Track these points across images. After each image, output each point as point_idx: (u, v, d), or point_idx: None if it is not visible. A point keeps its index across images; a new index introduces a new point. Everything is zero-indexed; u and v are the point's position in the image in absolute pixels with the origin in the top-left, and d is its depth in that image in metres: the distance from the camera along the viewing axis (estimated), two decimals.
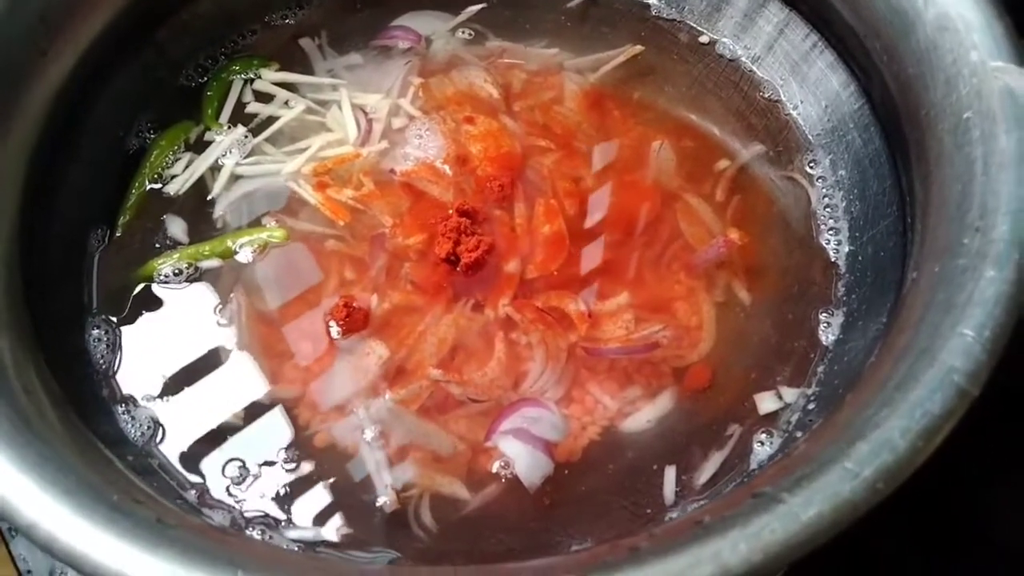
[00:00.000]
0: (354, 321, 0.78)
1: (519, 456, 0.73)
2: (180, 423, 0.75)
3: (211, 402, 0.76)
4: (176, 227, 0.85)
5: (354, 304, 0.78)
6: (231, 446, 0.74)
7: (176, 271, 0.82)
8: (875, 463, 0.51)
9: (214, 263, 0.83)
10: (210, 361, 0.78)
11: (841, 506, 0.50)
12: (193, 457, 0.74)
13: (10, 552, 0.83)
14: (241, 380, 0.77)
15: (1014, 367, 0.57)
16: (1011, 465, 0.84)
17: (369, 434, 0.75)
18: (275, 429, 0.75)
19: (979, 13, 0.70)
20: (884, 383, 0.57)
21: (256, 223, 0.85)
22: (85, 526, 0.51)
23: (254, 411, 0.76)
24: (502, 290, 0.82)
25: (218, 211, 0.86)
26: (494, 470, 0.74)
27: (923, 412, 0.53)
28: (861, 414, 0.55)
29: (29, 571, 0.82)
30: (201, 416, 0.76)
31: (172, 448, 0.74)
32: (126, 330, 0.80)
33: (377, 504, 0.72)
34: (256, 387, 0.77)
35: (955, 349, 0.56)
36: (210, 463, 0.73)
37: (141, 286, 0.82)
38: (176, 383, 0.77)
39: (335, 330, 0.79)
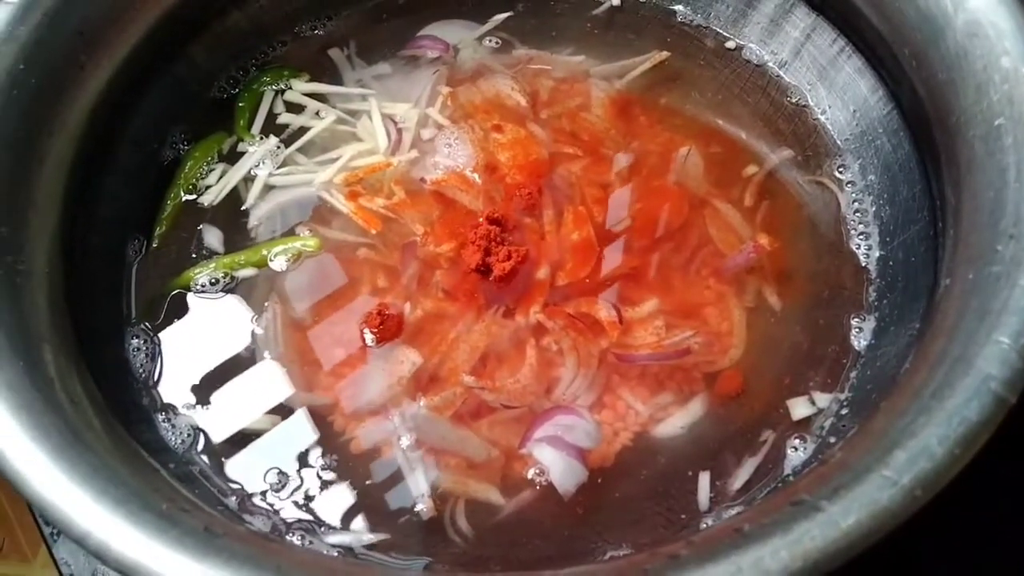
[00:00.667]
0: (388, 329, 0.79)
1: (553, 463, 0.74)
2: (219, 430, 0.77)
3: (248, 409, 0.78)
4: (212, 237, 0.87)
5: (388, 312, 0.79)
6: (269, 453, 0.76)
7: (212, 280, 0.83)
8: (913, 471, 0.52)
9: (249, 272, 0.84)
10: (247, 369, 0.80)
11: (880, 514, 0.51)
12: (233, 464, 0.75)
13: (52, 556, 0.84)
14: (277, 388, 0.79)
15: None
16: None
17: (404, 441, 0.76)
18: (311, 436, 0.76)
19: (1010, 19, 0.70)
20: (920, 390, 0.57)
21: (290, 232, 0.87)
22: (136, 535, 0.52)
23: (291, 418, 0.77)
24: (533, 297, 0.83)
25: (252, 221, 0.87)
26: (529, 477, 0.74)
27: (960, 420, 0.54)
28: (897, 422, 0.55)
29: (71, 575, 0.84)
30: (239, 423, 0.77)
31: (212, 455, 0.75)
32: (164, 339, 0.81)
33: (414, 510, 0.73)
34: (292, 394, 0.78)
35: (991, 356, 0.56)
36: (249, 470, 0.75)
37: (178, 295, 0.83)
38: (214, 391, 0.79)
39: (370, 338, 0.80)
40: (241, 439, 0.76)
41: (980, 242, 0.64)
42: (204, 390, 0.78)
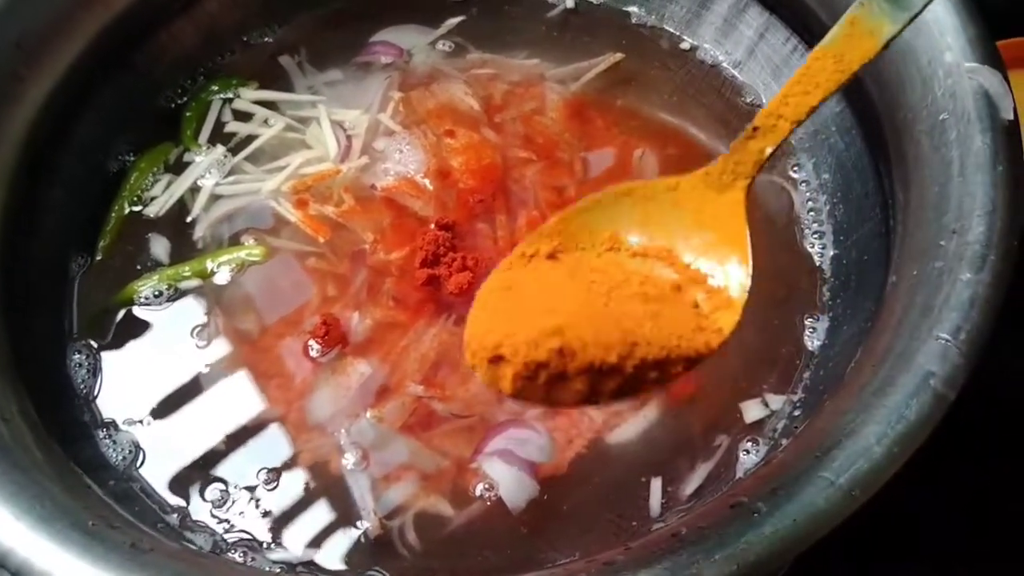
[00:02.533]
0: (333, 338, 0.78)
1: (503, 478, 0.73)
2: (161, 446, 0.75)
3: (193, 424, 0.76)
4: (157, 249, 0.85)
5: (333, 321, 0.78)
6: (213, 468, 0.74)
7: (156, 293, 0.82)
8: (851, 472, 0.51)
9: (194, 283, 0.82)
10: (191, 383, 0.78)
11: (817, 516, 0.50)
12: (175, 480, 0.73)
13: None
14: (222, 401, 0.77)
15: None
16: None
17: (351, 455, 0.74)
18: (257, 450, 0.75)
19: (953, 15, 0.70)
20: (862, 388, 0.56)
21: (236, 242, 0.85)
22: (60, 553, 0.51)
23: (236, 432, 0.76)
24: None
25: (199, 232, 0.86)
26: (478, 493, 0.73)
27: (899, 418, 0.53)
28: (839, 421, 0.55)
29: None
30: (182, 439, 0.75)
31: (153, 472, 0.73)
32: (107, 354, 0.79)
33: (360, 527, 0.71)
34: (238, 408, 0.77)
35: (932, 353, 0.55)
36: (192, 486, 0.73)
37: (123, 310, 0.82)
38: (157, 406, 0.77)
39: (315, 349, 0.78)
40: (184, 455, 0.75)
41: (925, 237, 0.63)
42: (146, 406, 0.77)
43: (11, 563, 0.52)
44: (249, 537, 0.70)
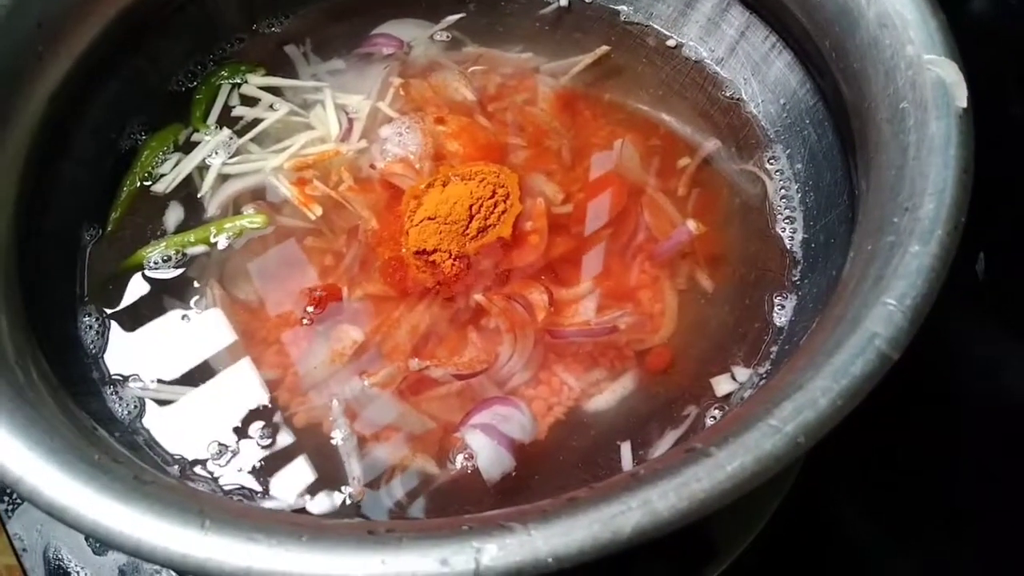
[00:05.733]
0: (326, 300, 0.82)
1: (482, 450, 0.76)
2: (164, 404, 0.80)
3: (194, 384, 0.81)
4: (166, 222, 0.90)
5: (329, 290, 0.83)
6: (212, 425, 0.78)
7: (165, 258, 0.87)
8: (797, 420, 0.55)
9: (200, 249, 0.87)
10: (193, 346, 0.83)
11: (764, 458, 0.54)
12: (176, 434, 0.78)
13: (7, 531, 0.87)
14: (221, 364, 0.82)
15: None
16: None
17: (343, 417, 0.78)
18: (254, 410, 0.79)
19: (915, 10, 0.74)
20: (814, 350, 0.60)
21: (239, 214, 0.90)
22: (67, 481, 0.55)
23: (234, 392, 0.80)
24: (476, 283, 0.86)
25: (210, 211, 0.91)
26: (458, 464, 0.77)
27: (844, 374, 0.57)
28: (789, 378, 0.59)
29: (24, 549, 0.86)
30: (183, 397, 0.80)
31: (156, 425, 0.78)
32: (115, 317, 0.84)
33: (349, 484, 0.75)
34: (236, 370, 0.81)
35: (877, 317, 0.59)
36: (192, 440, 0.77)
37: (130, 278, 0.86)
38: (160, 366, 0.82)
39: (311, 316, 0.83)
40: (185, 412, 0.79)
41: (881, 216, 0.67)
42: (151, 365, 0.81)
43: (21, 489, 0.56)
44: (244, 487, 0.75)
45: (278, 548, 0.51)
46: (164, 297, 0.85)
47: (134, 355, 0.82)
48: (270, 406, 0.80)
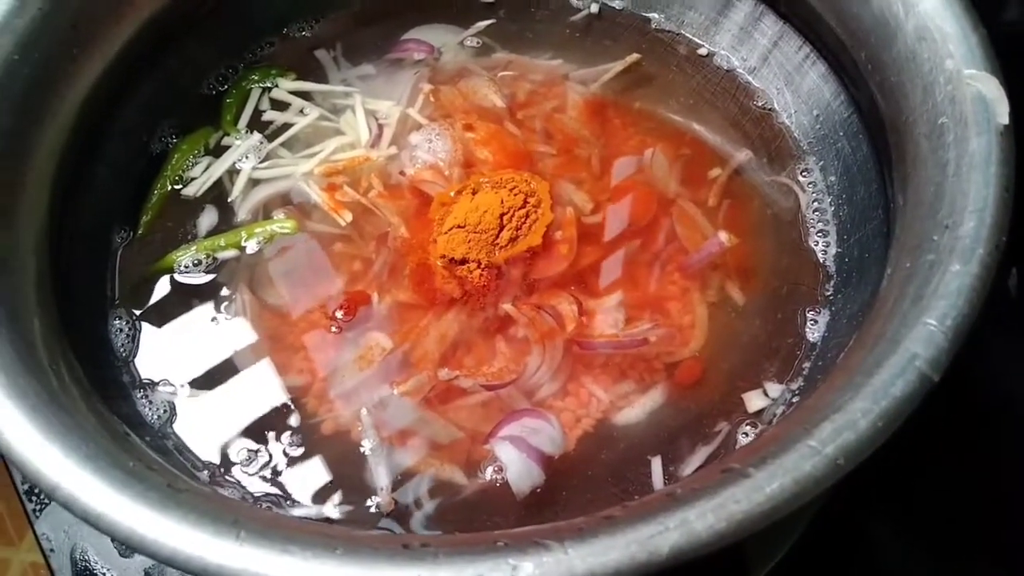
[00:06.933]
0: (353, 309, 0.82)
1: (512, 463, 0.75)
2: (194, 408, 0.80)
3: (222, 389, 0.81)
4: (199, 226, 0.90)
5: (358, 297, 0.83)
6: (241, 431, 0.78)
7: (195, 262, 0.87)
8: (837, 441, 0.54)
9: (230, 254, 0.88)
10: (223, 351, 0.83)
11: (803, 480, 0.53)
12: (206, 440, 0.78)
13: (35, 531, 0.87)
14: (250, 370, 0.82)
15: None
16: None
17: (371, 424, 0.78)
18: (283, 416, 0.79)
19: (955, 24, 0.73)
20: (852, 370, 0.60)
21: (269, 219, 0.90)
22: (102, 488, 0.55)
23: (263, 399, 0.80)
24: (504, 292, 0.86)
25: (240, 216, 0.91)
26: (488, 476, 0.76)
27: (885, 395, 0.56)
28: (828, 398, 0.58)
29: (52, 550, 0.87)
30: (213, 402, 0.80)
31: (186, 431, 0.78)
32: (146, 321, 0.84)
33: (377, 494, 0.75)
34: (265, 377, 0.81)
35: (918, 337, 0.59)
36: (222, 446, 0.78)
37: (160, 281, 0.87)
38: (190, 371, 0.82)
39: (338, 319, 0.83)
40: (214, 417, 0.79)
41: (920, 233, 0.67)
42: (181, 370, 0.82)
43: (59, 496, 0.56)
44: (274, 494, 0.75)
45: (313, 561, 0.51)
46: (194, 301, 0.86)
47: (164, 359, 0.82)
48: (298, 413, 0.80)
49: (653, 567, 0.51)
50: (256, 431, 0.79)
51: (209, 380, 0.81)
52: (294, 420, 0.79)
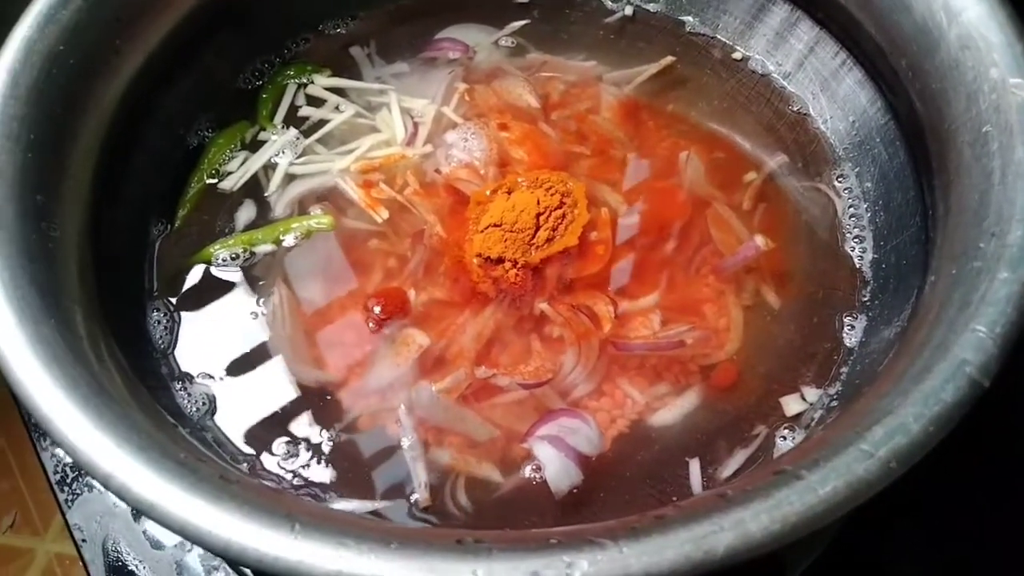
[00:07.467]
0: (391, 308, 0.82)
1: (550, 462, 0.75)
2: (232, 401, 0.80)
3: (261, 382, 0.81)
4: (236, 220, 0.91)
5: (395, 293, 0.83)
6: (279, 425, 0.79)
7: (233, 255, 0.87)
8: (889, 445, 0.55)
9: (267, 248, 0.88)
10: (260, 344, 0.83)
11: (856, 483, 0.53)
12: (245, 433, 0.78)
13: (66, 521, 0.88)
14: (287, 364, 0.82)
15: None
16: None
17: (408, 420, 0.78)
18: (320, 411, 0.80)
19: (1000, 33, 0.73)
20: (901, 376, 0.60)
21: (305, 215, 0.91)
22: (155, 479, 0.55)
23: (300, 393, 0.81)
24: (539, 292, 0.86)
25: (277, 211, 0.91)
26: (526, 474, 0.77)
27: (936, 400, 0.56)
28: (877, 403, 0.58)
29: (84, 540, 0.87)
30: (251, 396, 0.80)
31: (225, 423, 0.78)
32: (183, 313, 0.85)
33: (414, 490, 0.75)
34: (301, 371, 0.82)
35: (968, 344, 0.59)
36: (260, 439, 0.78)
37: (198, 273, 0.87)
38: (228, 364, 0.82)
39: (375, 314, 0.83)
40: (253, 410, 0.80)
41: (964, 240, 0.67)
42: (219, 362, 0.82)
43: (112, 485, 0.56)
44: (312, 488, 0.75)
45: (369, 554, 0.51)
46: (231, 295, 0.86)
47: (201, 351, 0.83)
48: (335, 408, 0.80)
49: (707, 567, 0.51)
50: (293, 425, 0.79)
51: (246, 373, 0.82)
52: (331, 415, 0.80)
